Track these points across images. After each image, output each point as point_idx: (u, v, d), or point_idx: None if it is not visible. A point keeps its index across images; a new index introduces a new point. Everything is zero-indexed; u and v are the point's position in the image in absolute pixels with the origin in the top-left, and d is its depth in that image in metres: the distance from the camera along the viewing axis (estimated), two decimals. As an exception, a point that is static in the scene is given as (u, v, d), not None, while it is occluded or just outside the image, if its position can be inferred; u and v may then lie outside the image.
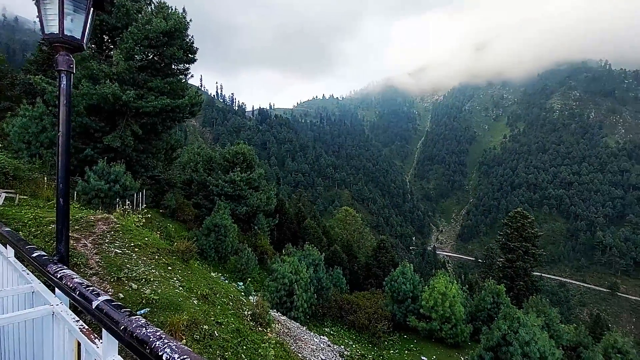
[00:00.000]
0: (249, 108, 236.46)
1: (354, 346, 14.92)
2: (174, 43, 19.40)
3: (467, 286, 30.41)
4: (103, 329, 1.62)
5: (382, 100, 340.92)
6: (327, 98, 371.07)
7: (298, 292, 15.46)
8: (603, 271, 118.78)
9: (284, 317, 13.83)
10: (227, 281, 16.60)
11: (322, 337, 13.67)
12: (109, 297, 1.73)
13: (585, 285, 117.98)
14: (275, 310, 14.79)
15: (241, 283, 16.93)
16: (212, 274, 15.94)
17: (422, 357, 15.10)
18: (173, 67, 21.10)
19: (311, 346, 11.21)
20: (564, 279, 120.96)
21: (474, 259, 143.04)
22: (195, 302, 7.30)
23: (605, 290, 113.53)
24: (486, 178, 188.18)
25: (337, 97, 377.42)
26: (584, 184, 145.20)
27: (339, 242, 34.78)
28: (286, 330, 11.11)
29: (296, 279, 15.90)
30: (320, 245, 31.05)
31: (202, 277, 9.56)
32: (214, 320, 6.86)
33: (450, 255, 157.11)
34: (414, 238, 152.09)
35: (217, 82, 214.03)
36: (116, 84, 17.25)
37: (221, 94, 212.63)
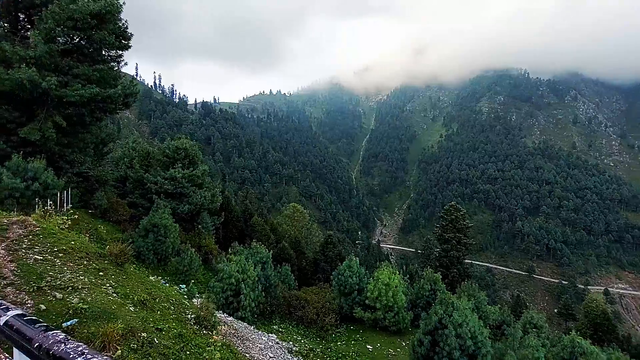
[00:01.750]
0: (191, 101, 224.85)
1: (302, 341, 15.06)
2: (105, 27, 17.64)
3: (408, 276, 32.33)
4: (14, 348, 1.45)
5: (329, 98, 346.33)
6: (275, 94, 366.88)
7: (245, 291, 15.16)
8: (522, 256, 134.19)
9: (230, 318, 13.47)
10: (168, 284, 15.70)
11: (270, 335, 13.59)
12: (20, 312, 1.57)
13: (508, 269, 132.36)
14: (221, 311, 14.34)
15: (184, 286, 16.13)
16: (150, 277, 14.95)
17: (368, 346, 15.75)
18: (104, 53, 19.21)
19: (259, 345, 11.08)
20: (490, 265, 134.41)
21: (414, 250, 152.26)
22: (131, 309, 6.78)
23: (523, 273, 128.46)
24: (425, 174, 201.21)
25: (285, 93, 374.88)
26: (506, 180, 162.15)
27: (287, 239, 34.75)
28: (233, 332, 10.84)
29: (243, 278, 15.56)
30: (268, 243, 30.75)
31: (140, 282, 8.90)
32: (153, 326, 6.45)
33: (393, 248, 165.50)
34: (359, 232, 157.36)
35: (155, 72, 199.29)
36: (34, 69, 15.23)
37: (160, 84, 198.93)
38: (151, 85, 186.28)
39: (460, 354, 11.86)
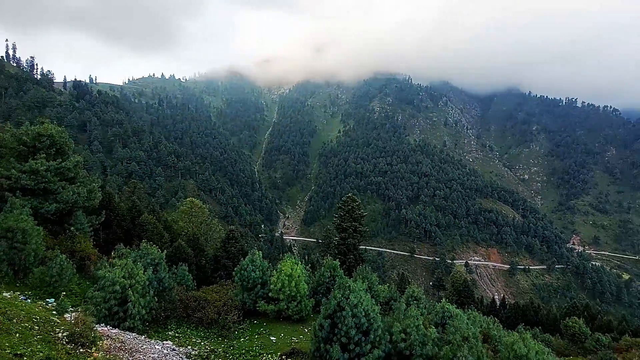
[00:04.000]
0: (59, 79, 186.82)
1: (202, 343, 14.31)
2: None
3: (310, 265, 33.66)
4: None
5: (230, 88, 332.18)
6: (168, 78, 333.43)
7: (133, 298, 13.55)
8: (405, 239, 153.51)
9: (116, 330, 11.93)
10: (29, 300, 12.98)
11: (165, 342, 12.52)
12: None
13: (395, 252, 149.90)
14: (103, 324, 12.57)
15: (52, 300, 13.55)
16: (5, 294, 12.19)
17: (272, 338, 15.89)
18: None
19: (152, 355, 10.10)
20: (381, 249, 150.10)
21: (315, 240, 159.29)
22: (-27, 336, 5.38)
23: (407, 254, 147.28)
24: (325, 168, 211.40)
25: (180, 79, 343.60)
26: (394, 173, 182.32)
27: (184, 237, 32.28)
28: (119, 345, 9.62)
29: (130, 283, 13.88)
30: (162, 242, 28.08)
31: (-14, 301, 7.14)
32: (10, 352, 5.25)
33: (296, 239, 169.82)
34: (262, 226, 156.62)
35: (7, 40, 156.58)
36: None
37: (15, 56, 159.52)
38: (1, 56, 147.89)
39: (356, 331, 12.95)
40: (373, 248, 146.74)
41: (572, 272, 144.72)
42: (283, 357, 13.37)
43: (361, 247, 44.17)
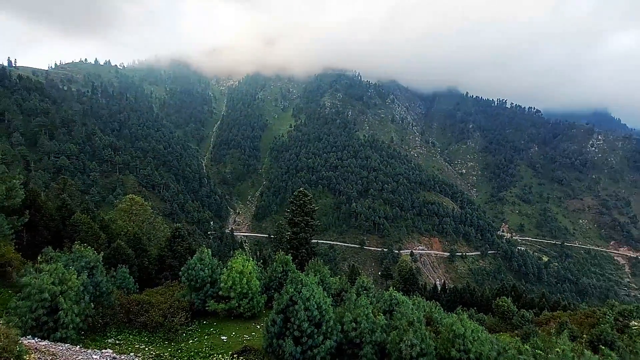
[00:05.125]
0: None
1: (147, 349, 13.53)
2: None
3: (262, 261, 33.34)
4: None
5: (174, 77, 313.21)
6: (102, 64, 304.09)
7: (65, 306, 12.35)
8: (356, 232, 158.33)
9: (44, 342, 10.81)
10: None
11: (104, 350, 11.62)
12: None
13: (346, 244, 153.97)
14: (30, 336, 11.31)
15: (-37, 313, 11.83)
16: None
17: (222, 337, 15.51)
18: None
19: (89, 365, 9.33)
20: (332, 242, 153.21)
21: (267, 235, 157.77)
22: None
23: (357, 246, 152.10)
24: (276, 162, 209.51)
25: (117, 65, 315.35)
26: (344, 167, 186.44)
27: (124, 237, 30.04)
28: (50, 358, 8.75)
29: (62, 290, 12.62)
30: (98, 244, 25.90)
31: None
32: None
33: (247, 235, 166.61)
34: (212, 222, 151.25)
35: None
36: None
37: None
38: None
39: (309, 324, 13.15)
40: (325, 241, 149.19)
41: (501, 257, 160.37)
42: (235, 355, 13.14)
43: (313, 240, 44.67)
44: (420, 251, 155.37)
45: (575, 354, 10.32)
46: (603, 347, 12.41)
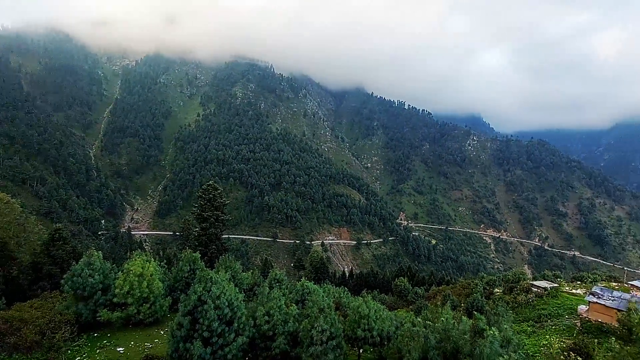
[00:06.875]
0: None
1: (16, 375, 11.31)
2: None
3: (165, 261, 30.67)
4: None
5: (52, 49, 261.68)
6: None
7: None
8: (269, 225, 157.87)
9: None
10: None
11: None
12: None
13: (258, 238, 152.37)
14: None
15: None
16: None
17: (119, 349, 13.93)
18: None
19: None
20: (244, 236, 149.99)
21: (172, 233, 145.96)
22: None
23: (270, 239, 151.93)
24: (182, 153, 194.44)
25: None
26: (257, 160, 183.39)
27: (-19, 243, 24.31)
28: None
29: None
30: (-60, 253, 20.47)
31: None
32: None
33: (148, 234, 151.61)
34: (103, 221, 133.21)
35: None
36: None
37: None
38: None
39: (219, 323, 12.69)
40: (236, 236, 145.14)
41: (400, 242, 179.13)
42: (134, 366, 11.94)
43: (224, 236, 43.15)
44: (331, 241, 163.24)
45: (456, 321, 12.39)
46: (476, 313, 15.06)
